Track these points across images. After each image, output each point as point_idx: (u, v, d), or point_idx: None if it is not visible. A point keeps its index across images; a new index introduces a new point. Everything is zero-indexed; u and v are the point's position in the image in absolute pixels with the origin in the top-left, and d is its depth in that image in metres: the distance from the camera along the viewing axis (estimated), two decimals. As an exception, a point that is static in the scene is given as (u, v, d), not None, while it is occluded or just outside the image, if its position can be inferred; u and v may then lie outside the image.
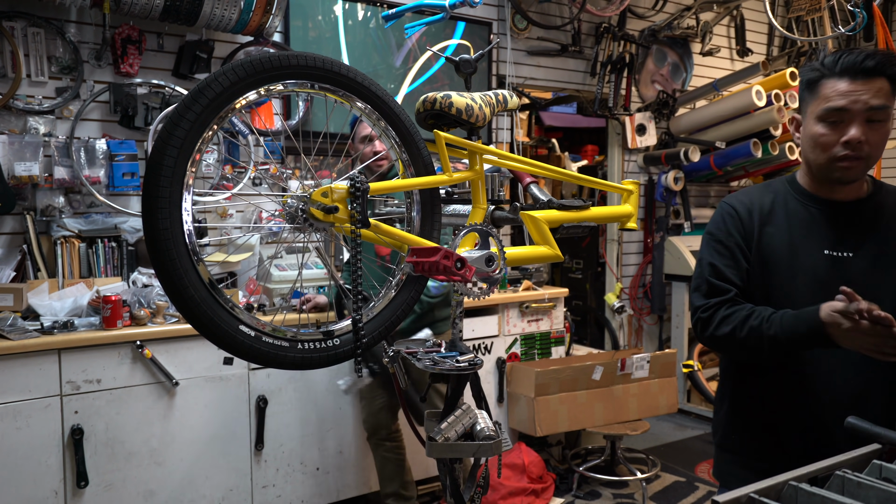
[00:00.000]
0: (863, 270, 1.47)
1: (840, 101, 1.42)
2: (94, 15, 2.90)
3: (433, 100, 1.52)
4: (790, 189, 1.59)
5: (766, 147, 4.35)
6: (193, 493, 2.73)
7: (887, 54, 1.43)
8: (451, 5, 2.52)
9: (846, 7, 4.04)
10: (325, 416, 3.01)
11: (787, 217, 1.54)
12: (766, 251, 1.53)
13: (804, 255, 1.50)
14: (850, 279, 1.43)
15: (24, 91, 2.80)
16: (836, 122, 1.43)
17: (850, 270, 1.47)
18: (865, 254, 1.48)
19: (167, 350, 2.64)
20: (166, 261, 1.18)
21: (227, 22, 2.93)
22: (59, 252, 2.78)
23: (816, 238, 1.51)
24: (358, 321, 1.38)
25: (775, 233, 1.53)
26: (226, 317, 1.25)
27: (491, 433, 1.41)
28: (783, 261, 1.51)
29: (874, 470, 1.10)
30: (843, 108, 1.42)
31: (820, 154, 1.47)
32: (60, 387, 2.46)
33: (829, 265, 1.48)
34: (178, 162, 1.18)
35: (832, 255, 1.49)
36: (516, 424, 3.50)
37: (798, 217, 1.54)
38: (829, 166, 1.47)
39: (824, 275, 1.48)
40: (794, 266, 1.50)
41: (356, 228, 1.32)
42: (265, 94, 1.30)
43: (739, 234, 1.55)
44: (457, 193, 1.73)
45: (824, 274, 1.48)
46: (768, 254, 1.53)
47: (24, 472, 2.41)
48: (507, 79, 4.08)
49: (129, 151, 2.91)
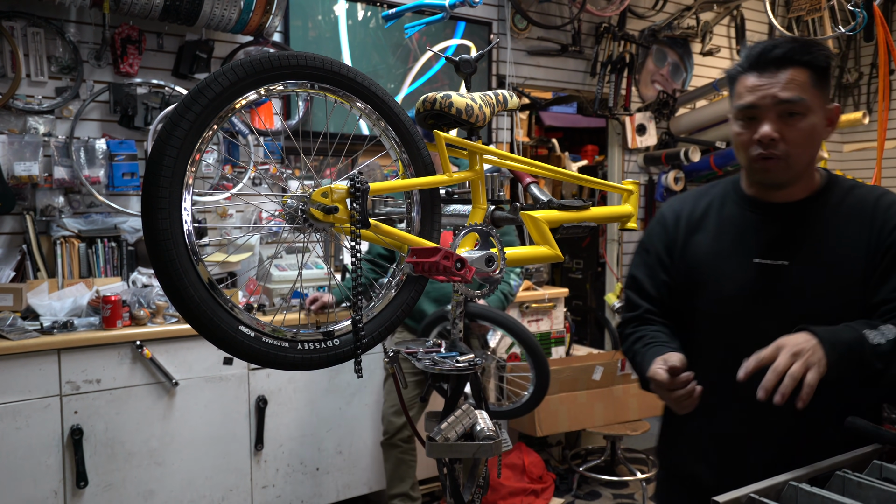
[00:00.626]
0: (799, 280, 1.32)
1: (748, 98, 1.30)
2: (94, 15, 2.90)
3: (433, 100, 1.51)
4: (732, 191, 1.45)
5: (766, 147, 4.35)
6: (193, 493, 2.72)
7: (802, 41, 1.30)
8: (451, 5, 2.52)
9: (846, 7, 4.04)
10: (324, 416, 3.01)
11: (719, 223, 1.42)
12: (691, 261, 1.42)
13: (732, 264, 1.37)
14: (784, 290, 1.32)
15: (23, 91, 2.80)
16: (749, 119, 1.31)
17: (783, 280, 1.33)
18: (804, 261, 1.32)
19: (167, 350, 2.63)
20: (166, 261, 1.17)
21: (227, 22, 2.93)
22: (59, 252, 2.78)
23: (747, 245, 1.37)
24: (358, 321, 1.38)
25: (703, 241, 1.42)
26: (225, 317, 1.25)
27: (491, 433, 1.41)
28: (709, 271, 1.39)
29: (874, 470, 1.10)
30: (752, 105, 1.30)
31: (741, 154, 1.36)
32: (60, 387, 2.46)
33: (760, 275, 1.34)
34: (177, 162, 1.18)
35: (763, 263, 1.34)
36: (516, 424, 3.50)
37: (731, 222, 1.41)
38: (749, 167, 1.36)
39: (754, 286, 1.35)
40: (721, 277, 1.38)
41: (356, 229, 1.32)
42: (265, 94, 1.30)
43: (663, 243, 1.46)
44: (457, 193, 1.73)
45: (754, 285, 1.35)
46: (694, 264, 1.41)
47: (24, 472, 2.40)
48: (507, 79, 4.08)
49: (128, 151, 2.91)
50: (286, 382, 2.91)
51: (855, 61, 5.39)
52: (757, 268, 1.34)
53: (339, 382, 3.04)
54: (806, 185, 1.36)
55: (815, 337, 1.14)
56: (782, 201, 1.36)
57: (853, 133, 5.50)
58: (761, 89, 1.28)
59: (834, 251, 1.31)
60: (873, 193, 1.35)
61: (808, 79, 1.27)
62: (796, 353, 1.11)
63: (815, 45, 1.29)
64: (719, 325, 1.39)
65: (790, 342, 1.13)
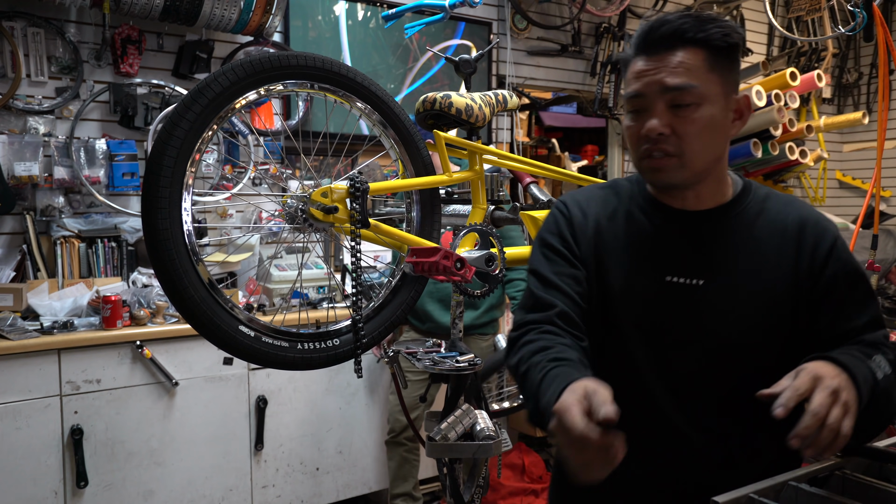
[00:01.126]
0: (716, 302, 1.11)
1: (634, 85, 1.09)
2: (94, 15, 2.90)
3: (433, 100, 1.52)
4: (638, 194, 1.21)
5: (766, 147, 4.35)
6: (193, 493, 2.73)
7: (697, 15, 1.08)
8: (451, 5, 2.52)
9: (846, 7, 4.04)
10: (324, 416, 3.01)
11: (626, 230, 1.18)
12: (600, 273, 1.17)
13: (642, 281, 1.14)
14: (700, 313, 1.12)
15: (23, 91, 2.80)
16: (638, 110, 1.10)
17: (699, 302, 1.12)
18: (722, 280, 1.12)
19: (167, 350, 2.64)
20: (166, 261, 1.18)
21: (227, 22, 2.93)
22: (59, 252, 2.78)
23: (657, 260, 1.15)
24: (358, 321, 1.38)
25: (611, 251, 1.17)
26: (225, 317, 1.25)
27: (491, 433, 1.41)
28: (616, 289, 1.15)
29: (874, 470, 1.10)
30: (638, 93, 1.09)
31: (632, 152, 1.13)
32: (60, 387, 2.46)
33: (673, 296, 1.13)
34: (177, 162, 1.18)
35: (676, 282, 1.13)
36: (516, 424, 3.50)
37: (639, 231, 1.17)
38: (639, 166, 1.14)
39: (665, 309, 1.13)
40: (629, 296, 1.15)
41: (356, 229, 1.32)
42: (265, 94, 1.30)
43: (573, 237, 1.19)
44: (457, 193, 1.73)
45: (665, 308, 1.13)
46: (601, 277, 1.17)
47: (24, 472, 2.41)
48: (507, 79, 4.08)
49: (128, 151, 2.91)
50: (286, 382, 2.91)
51: (855, 61, 5.39)
52: (669, 287, 1.13)
53: (339, 382, 3.04)
54: (716, 190, 1.15)
55: (845, 371, 0.98)
56: (692, 209, 1.15)
57: (853, 133, 5.50)
58: (647, 75, 1.07)
59: (754, 271, 1.12)
60: (793, 207, 1.17)
61: (704, 61, 1.06)
62: (835, 390, 0.93)
63: (712, 21, 1.07)
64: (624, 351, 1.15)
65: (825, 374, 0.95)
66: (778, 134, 4.39)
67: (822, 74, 3.98)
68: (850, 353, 1.05)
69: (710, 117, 1.07)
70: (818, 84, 4.03)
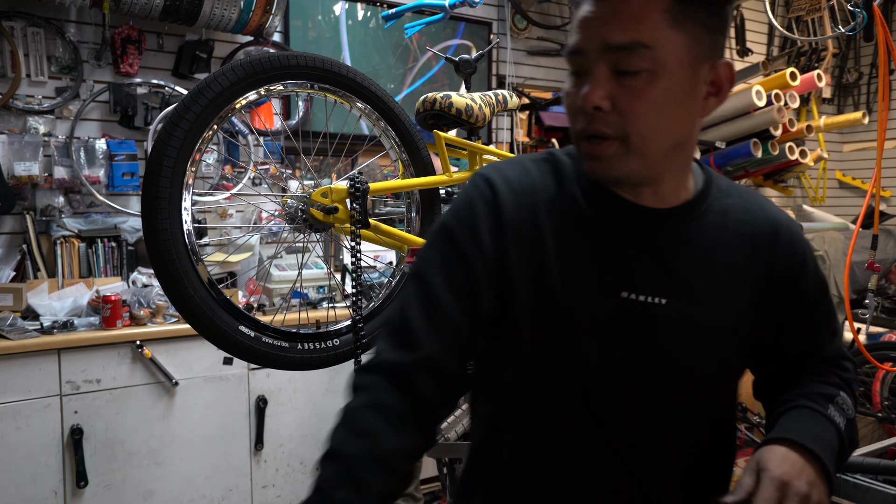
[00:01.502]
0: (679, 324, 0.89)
1: (573, 38, 0.82)
2: (94, 15, 2.90)
3: (433, 100, 1.52)
4: (581, 175, 0.91)
5: (766, 147, 4.35)
6: (193, 493, 2.73)
7: None
8: (451, 5, 2.52)
9: (846, 7, 4.04)
10: (325, 416, 3.01)
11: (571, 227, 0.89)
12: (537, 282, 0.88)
13: (592, 296, 0.88)
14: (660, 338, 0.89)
15: (23, 91, 2.80)
16: (578, 73, 0.83)
17: (659, 325, 0.88)
18: (687, 299, 0.89)
19: (167, 350, 2.64)
20: (166, 261, 1.18)
21: (227, 22, 2.93)
22: (59, 252, 2.78)
23: (610, 270, 0.88)
24: (358, 321, 1.38)
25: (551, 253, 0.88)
26: (225, 317, 1.25)
27: (491, 433, 1.40)
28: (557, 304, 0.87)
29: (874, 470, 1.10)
30: (577, 50, 0.82)
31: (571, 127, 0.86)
32: (60, 387, 2.46)
33: (629, 316, 0.88)
34: (177, 162, 1.18)
35: (633, 299, 0.88)
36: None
37: (587, 230, 0.89)
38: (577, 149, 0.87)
39: (622, 332, 0.88)
40: (574, 312, 0.87)
41: (356, 229, 1.32)
42: (265, 94, 1.30)
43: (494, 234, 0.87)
44: (457, 193, 1.73)
45: (621, 331, 0.88)
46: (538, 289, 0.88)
47: (24, 471, 2.41)
48: (507, 79, 4.08)
49: (128, 151, 2.92)
50: (286, 382, 2.91)
51: (855, 61, 5.39)
52: (625, 305, 0.88)
53: (339, 382, 3.04)
54: (679, 184, 0.91)
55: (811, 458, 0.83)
56: (650, 206, 0.89)
57: (853, 133, 5.50)
58: (590, 25, 0.80)
59: (724, 287, 0.91)
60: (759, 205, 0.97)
61: (665, 12, 0.78)
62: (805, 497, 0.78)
63: None
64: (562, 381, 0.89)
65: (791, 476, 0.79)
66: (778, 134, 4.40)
67: (822, 74, 3.99)
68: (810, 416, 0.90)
69: (667, 90, 0.80)
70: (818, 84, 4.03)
